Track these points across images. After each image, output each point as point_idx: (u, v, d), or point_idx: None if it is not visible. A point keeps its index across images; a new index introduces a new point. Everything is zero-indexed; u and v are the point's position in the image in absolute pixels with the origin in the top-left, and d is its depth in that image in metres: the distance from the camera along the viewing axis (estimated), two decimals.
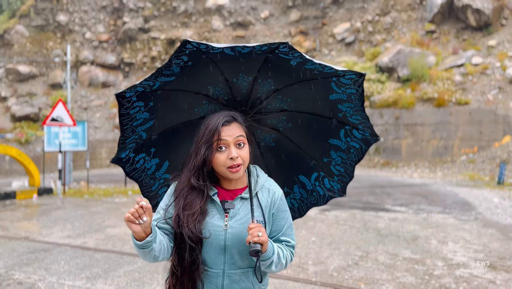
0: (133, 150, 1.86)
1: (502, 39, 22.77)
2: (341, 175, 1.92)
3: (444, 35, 25.32)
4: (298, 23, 30.95)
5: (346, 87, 1.71)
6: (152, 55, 31.86)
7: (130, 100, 1.76)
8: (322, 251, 5.65)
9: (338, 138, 1.87)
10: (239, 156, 1.54)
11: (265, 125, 1.93)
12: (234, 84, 1.79)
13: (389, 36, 26.98)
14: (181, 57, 1.60)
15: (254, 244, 1.43)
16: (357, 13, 29.27)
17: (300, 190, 1.99)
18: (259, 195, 1.62)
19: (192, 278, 1.53)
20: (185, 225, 1.51)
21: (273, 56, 1.62)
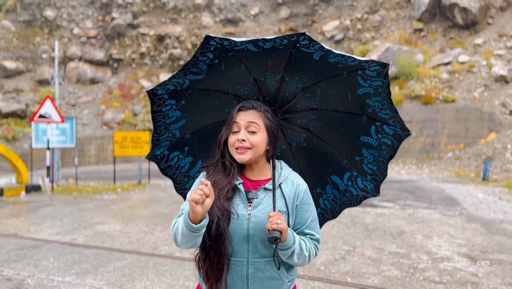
0: (168, 148, 1.92)
1: (488, 37, 23.11)
2: (374, 173, 1.88)
3: (432, 34, 25.61)
4: (288, 20, 31.02)
5: (372, 80, 1.65)
6: (141, 51, 31.68)
7: (161, 97, 1.81)
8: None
9: (369, 135, 1.82)
10: (247, 140, 1.59)
11: (295, 125, 1.92)
12: (262, 83, 1.81)
13: (378, 34, 27.20)
14: (207, 54, 1.63)
15: (273, 231, 1.45)
16: (346, 11, 29.44)
17: (332, 190, 1.97)
18: (283, 186, 1.64)
19: (218, 251, 1.55)
20: (216, 199, 1.55)
21: (296, 51, 1.61)
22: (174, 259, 5.19)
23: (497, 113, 19.74)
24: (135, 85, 30.21)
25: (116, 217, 7.83)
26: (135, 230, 6.74)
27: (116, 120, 27.24)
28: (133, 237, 6.26)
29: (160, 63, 31.76)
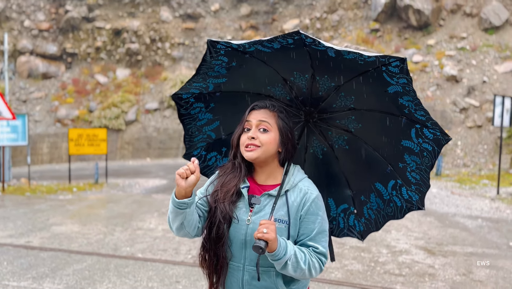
0: (204, 148, 1.96)
1: (440, 38, 24.16)
2: (418, 183, 1.71)
3: (388, 34, 26.45)
4: (249, 17, 31.05)
5: (397, 77, 1.51)
6: (97, 46, 30.63)
7: (188, 101, 1.86)
8: None
9: (410, 139, 1.67)
10: (257, 138, 1.56)
11: (335, 126, 1.83)
12: (292, 83, 1.76)
13: (336, 33, 27.77)
14: (219, 58, 1.65)
15: (259, 240, 1.40)
16: (306, 10, 29.84)
17: (377, 199, 1.84)
18: (289, 193, 1.58)
19: (216, 254, 1.56)
20: (221, 201, 1.56)
21: (310, 49, 1.54)
22: (136, 260, 5.07)
23: (448, 112, 20.71)
24: (90, 81, 29.20)
25: (73, 217, 7.54)
26: (94, 231, 6.52)
27: (70, 117, 26.20)
28: (92, 238, 6.05)
29: (117, 58, 30.85)
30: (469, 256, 5.31)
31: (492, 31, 23.23)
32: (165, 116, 24.70)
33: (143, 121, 24.43)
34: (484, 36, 23.22)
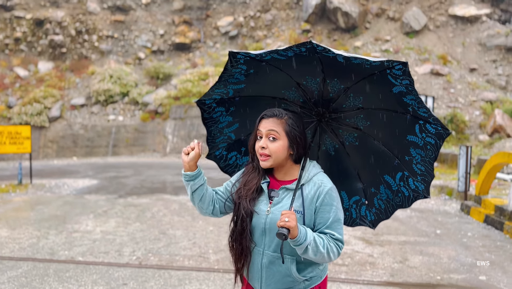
0: (226, 149, 2.14)
1: (366, 41, 25.54)
2: (423, 174, 1.88)
3: (318, 35, 27.42)
4: (182, 12, 30.49)
5: (401, 79, 1.67)
6: (16, 36, 28.32)
7: (210, 106, 2.04)
8: (221, 239, 5.78)
9: (414, 134, 1.83)
10: (267, 147, 1.76)
11: (345, 125, 1.99)
12: (305, 86, 1.92)
13: (270, 32, 28.23)
14: (239, 67, 1.83)
15: (282, 228, 1.57)
16: (239, 8, 29.96)
17: (386, 190, 2.00)
18: (304, 187, 1.76)
19: (241, 244, 1.78)
20: (244, 198, 1.79)
21: (321, 56, 1.69)
22: (77, 264, 4.80)
23: None
24: (9, 74, 26.92)
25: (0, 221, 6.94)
26: (25, 235, 6.05)
27: None
28: (25, 243, 5.62)
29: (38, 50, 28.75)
30: (403, 244, 5.71)
31: (413, 35, 25.03)
32: (92, 112, 23.49)
33: (69, 118, 23.03)
34: (406, 39, 24.95)
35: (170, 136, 21.53)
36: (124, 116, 22.97)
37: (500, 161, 7.33)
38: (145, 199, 8.99)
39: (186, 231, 6.23)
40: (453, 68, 22.10)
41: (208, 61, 26.57)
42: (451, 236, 6.21)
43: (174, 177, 12.88)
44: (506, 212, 6.64)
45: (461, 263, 4.95)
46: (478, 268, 4.78)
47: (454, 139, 17.09)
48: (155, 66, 25.21)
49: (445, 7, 25.55)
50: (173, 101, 22.05)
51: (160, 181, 11.94)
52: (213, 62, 25.90)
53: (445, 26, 25.14)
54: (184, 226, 6.54)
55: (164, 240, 5.76)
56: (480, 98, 19.67)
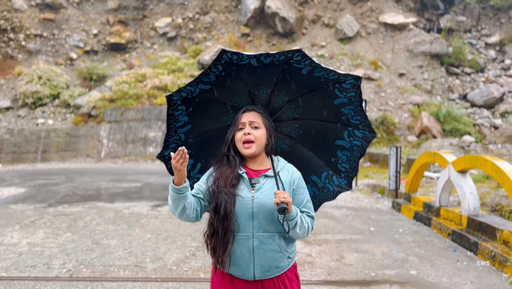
0: (174, 150, 2.15)
1: (303, 46, 26.22)
2: (347, 171, 2.17)
3: (257, 39, 27.72)
4: (117, 12, 29.44)
5: (347, 92, 1.96)
6: None
7: (176, 103, 2.08)
8: (159, 247, 5.60)
9: (342, 139, 2.12)
10: (252, 134, 1.97)
11: (281, 133, 2.22)
12: (255, 96, 2.10)
13: (209, 35, 28.08)
14: (217, 66, 1.91)
15: (281, 203, 1.78)
16: (178, 9, 29.52)
17: (312, 188, 2.23)
18: (281, 174, 1.99)
19: (225, 228, 1.88)
20: (223, 186, 1.91)
21: (288, 67, 1.91)
22: (0, 280, 4.41)
23: None
24: None
25: None
26: None
27: None
28: None
29: None
30: (340, 242, 5.89)
31: (346, 41, 26.10)
32: (19, 116, 21.93)
33: None
34: (340, 45, 25.96)
35: (105, 140, 20.65)
36: (55, 120, 21.69)
37: (427, 160, 7.81)
38: (77, 208, 8.50)
39: (122, 240, 5.96)
40: (383, 73, 23.33)
41: (145, 62, 25.87)
42: (384, 233, 6.50)
43: (109, 183, 12.35)
44: (433, 208, 7.09)
45: (393, 258, 5.19)
46: (409, 262, 5.04)
47: (385, 141, 18.01)
48: (88, 67, 24.07)
49: (376, 15, 26.92)
50: (108, 104, 21.17)
51: (94, 188, 11.39)
52: (151, 63, 25.26)
53: (376, 33, 26.48)
54: (120, 235, 6.26)
55: (97, 250, 5.46)
56: (408, 102, 20.92)
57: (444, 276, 4.60)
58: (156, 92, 21.62)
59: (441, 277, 4.55)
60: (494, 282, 4.42)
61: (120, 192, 10.72)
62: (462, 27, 26.23)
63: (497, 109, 20.57)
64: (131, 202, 9.11)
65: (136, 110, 20.79)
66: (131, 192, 10.60)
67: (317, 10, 28.08)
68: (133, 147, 20.38)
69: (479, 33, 26.64)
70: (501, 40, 25.08)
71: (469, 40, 25.77)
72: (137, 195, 10.17)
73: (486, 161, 5.37)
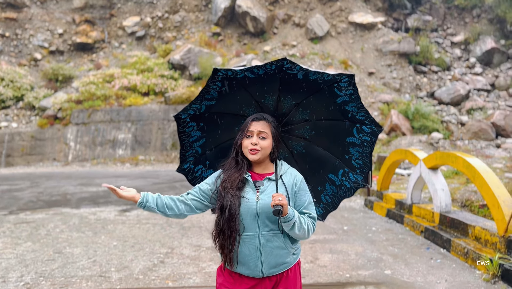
0: (193, 162, 2.35)
1: (275, 45, 26.19)
2: (361, 167, 2.22)
3: (228, 38, 27.50)
4: (83, 11, 28.59)
5: (346, 90, 2.03)
6: None
7: (185, 121, 2.23)
8: (126, 255, 5.32)
9: (353, 136, 2.19)
10: (258, 144, 2.06)
11: (294, 136, 2.31)
12: (263, 104, 2.20)
13: (179, 34, 27.66)
14: (216, 83, 2.04)
15: (276, 205, 1.87)
16: (146, 8, 28.93)
17: (331, 186, 2.32)
18: (284, 177, 2.09)
19: (230, 228, 2.00)
20: (230, 188, 2.03)
21: (284, 74, 2.00)
22: None
23: None
24: None
25: None
26: None
27: None
28: None
29: None
30: (314, 243, 5.78)
31: (317, 41, 26.23)
32: None
33: None
34: (311, 45, 26.05)
35: (72, 143, 19.97)
36: (19, 123, 20.82)
37: (398, 157, 7.82)
38: (40, 214, 8.08)
39: (86, 248, 5.65)
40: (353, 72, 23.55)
41: (113, 62, 25.20)
42: (357, 232, 6.44)
43: (77, 187, 11.89)
44: (405, 206, 7.09)
45: (367, 258, 5.11)
46: (383, 262, 4.97)
47: None
48: (54, 68, 23.23)
49: (345, 15, 27.18)
50: (75, 105, 20.48)
51: (60, 193, 10.92)
52: (119, 63, 24.62)
53: (345, 32, 26.73)
54: (84, 243, 5.94)
55: (59, 260, 5.14)
56: (378, 100, 21.19)
57: (419, 275, 4.54)
58: (125, 93, 21.07)
59: (415, 276, 4.49)
60: (467, 279, 4.39)
61: (87, 196, 10.31)
62: (429, 26, 26.83)
63: (463, 106, 21.11)
64: (97, 207, 8.75)
65: (104, 112, 20.20)
66: (98, 197, 10.21)
67: (287, 9, 28.10)
68: (101, 149, 19.79)
69: (445, 32, 27.33)
70: (466, 39, 25.80)
71: (436, 39, 26.38)
72: (105, 199, 9.80)
73: (457, 157, 5.37)
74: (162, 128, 19.85)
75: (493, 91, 22.39)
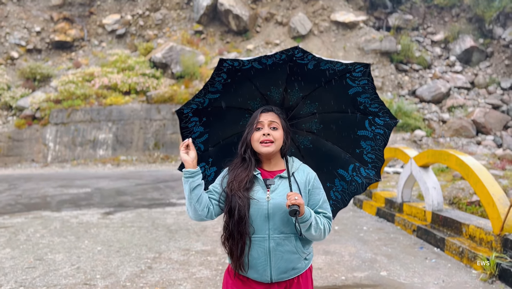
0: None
1: (258, 44, 26.05)
2: (374, 161, 2.10)
3: (211, 37, 27.22)
4: (62, 8, 27.88)
5: (359, 80, 1.91)
6: None
7: (187, 116, 2.10)
8: (111, 261, 5.09)
9: (364, 128, 2.06)
10: (271, 134, 1.92)
11: (301, 130, 2.19)
12: (269, 97, 2.08)
13: (161, 32, 27.25)
14: (221, 75, 1.91)
15: (293, 205, 1.73)
16: (127, 6, 28.41)
17: (341, 182, 2.19)
18: (296, 174, 1.95)
19: (240, 231, 1.86)
20: (237, 189, 1.88)
21: (293, 64, 1.88)
22: None
23: None
24: None
25: None
26: None
27: None
28: None
29: None
30: None
31: (300, 39, 26.18)
32: None
33: None
34: (293, 43, 25.99)
35: (52, 144, 19.42)
36: None
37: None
38: (19, 218, 7.74)
39: (69, 254, 5.39)
40: None
41: (93, 61, 24.63)
42: (348, 232, 6.35)
43: (56, 189, 11.50)
44: (396, 204, 7.03)
45: (362, 259, 5.01)
46: (378, 263, 4.87)
47: None
48: (31, 67, 22.55)
49: (327, 14, 27.22)
50: (54, 105, 19.92)
51: (39, 196, 10.53)
52: (99, 61, 24.07)
53: (328, 31, 26.77)
54: (67, 248, 5.67)
55: (40, 268, 4.88)
56: None
57: (415, 276, 4.46)
58: (105, 92, 20.60)
59: (412, 277, 4.41)
60: (465, 279, 4.33)
61: (67, 198, 9.97)
62: (410, 25, 27.11)
63: (444, 104, 21.39)
64: (79, 210, 8.44)
65: (84, 111, 19.70)
66: (80, 199, 9.88)
67: (270, 8, 27.98)
68: (82, 150, 19.30)
69: (425, 31, 27.65)
70: (446, 37, 26.16)
71: (416, 38, 26.67)
72: (87, 201, 9.48)
73: (450, 155, 5.32)
74: (144, 128, 19.48)
75: (473, 89, 22.76)
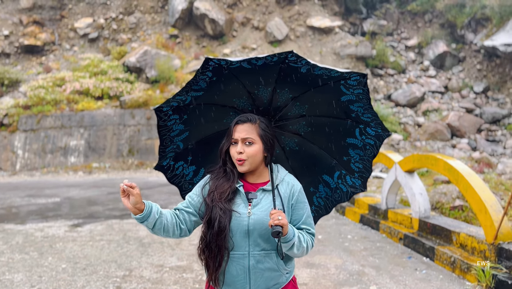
0: (173, 158, 2.12)
1: (234, 48, 25.76)
2: (361, 171, 2.04)
3: (186, 41, 26.77)
4: (32, 11, 26.93)
5: (353, 88, 1.84)
6: None
7: (167, 114, 2.02)
8: (76, 280, 4.62)
9: (354, 137, 1.99)
10: (244, 152, 1.80)
11: (288, 131, 2.10)
12: (256, 95, 1.97)
13: (135, 36, 26.64)
14: (206, 73, 1.82)
15: (275, 226, 1.61)
16: (99, 9, 27.67)
17: (325, 188, 2.13)
18: (279, 187, 1.84)
19: (218, 244, 1.75)
20: (218, 201, 1.79)
21: (285, 66, 1.79)
22: None
23: None
24: None
25: None
26: None
27: None
28: None
29: None
30: None
31: (276, 44, 26.04)
32: None
33: None
34: (270, 48, 25.82)
35: (20, 151, 18.53)
36: None
37: None
38: None
39: (30, 273, 4.88)
40: None
41: (64, 65, 23.79)
42: (333, 241, 6.06)
43: (24, 199, 10.82)
44: (380, 211, 6.79)
45: (349, 272, 4.71)
46: (366, 276, 4.58)
47: None
48: None
49: (303, 19, 27.21)
50: (23, 111, 19.05)
51: (4, 206, 9.85)
52: (71, 66, 23.27)
53: (304, 36, 26.74)
54: (27, 266, 5.15)
55: None
56: None
57: None
58: (77, 97, 19.86)
59: None
60: None
61: (34, 209, 9.35)
62: (384, 30, 27.38)
63: (419, 108, 21.58)
64: (46, 222, 7.87)
65: (54, 117, 18.91)
66: (47, 209, 9.27)
67: (246, 12, 27.77)
68: (52, 157, 18.49)
69: (399, 36, 27.99)
70: (419, 43, 26.53)
71: (391, 43, 26.95)
72: (54, 212, 8.89)
73: (437, 160, 5.11)
74: (118, 134, 18.84)
75: (447, 93, 23.08)
